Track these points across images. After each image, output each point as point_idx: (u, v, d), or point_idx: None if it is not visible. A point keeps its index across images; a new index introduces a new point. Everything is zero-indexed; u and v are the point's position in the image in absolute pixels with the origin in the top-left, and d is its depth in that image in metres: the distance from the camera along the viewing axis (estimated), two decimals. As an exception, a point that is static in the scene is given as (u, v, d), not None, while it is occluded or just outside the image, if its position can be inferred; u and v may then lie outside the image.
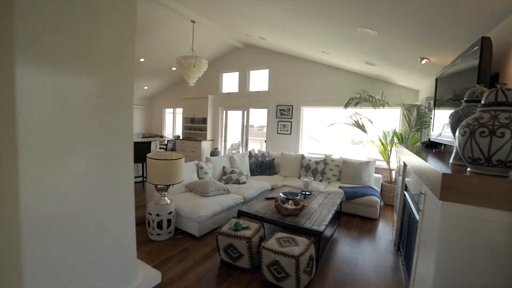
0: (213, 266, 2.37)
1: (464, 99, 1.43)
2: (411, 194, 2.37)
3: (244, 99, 6.93)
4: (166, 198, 2.93)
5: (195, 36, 5.15)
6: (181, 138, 7.92)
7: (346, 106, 4.56)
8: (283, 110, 6.26)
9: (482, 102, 1.13)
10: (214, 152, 7.10)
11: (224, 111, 7.45)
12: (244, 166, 4.83)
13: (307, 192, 3.47)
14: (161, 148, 6.68)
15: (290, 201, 2.88)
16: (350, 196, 3.82)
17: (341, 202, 3.48)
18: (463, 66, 1.90)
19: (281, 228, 2.54)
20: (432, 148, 2.43)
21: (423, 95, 4.40)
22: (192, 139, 7.49)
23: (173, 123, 9.25)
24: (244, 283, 2.15)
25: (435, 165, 1.33)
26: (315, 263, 2.20)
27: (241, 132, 7.13)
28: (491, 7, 1.77)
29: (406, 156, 2.44)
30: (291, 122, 6.17)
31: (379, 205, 3.74)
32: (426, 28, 2.44)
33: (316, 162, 4.78)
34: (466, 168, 1.19)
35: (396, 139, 4.48)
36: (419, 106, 4.03)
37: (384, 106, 4.42)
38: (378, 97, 4.46)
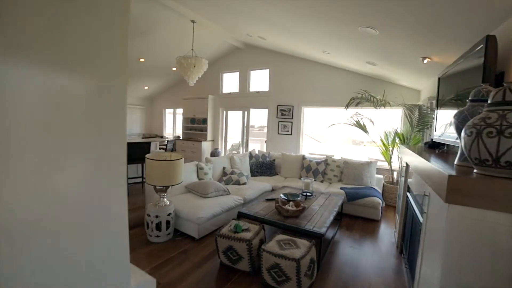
0: (212, 269, 2.33)
1: (469, 98, 1.40)
2: (413, 195, 2.33)
3: (244, 99, 6.90)
4: (165, 199, 2.89)
5: (195, 36, 5.13)
6: (181, 138, 7.90)
7: (348, 106, 4.52)
8: (284, 111, 6.22)
9: (489, 102, 1.10)
10: (214, 152, 7.07)
11: (225, 112, 7.42)
12: (244, 167, 4.80)
13: (308, 193, 3.44)
14: (161, 148, 6.65)
15: (291, 202, 2.85)
16: (351, 197, 3.78)
17: (342, 203, 3.44)
18: (466, 65, 1.87)
19: (281, 230, 2.51)
20: (435, 148, 2.40)
21: (425, 95, 4.36)
22: (192, 140, 7.46)
23: (173, 124, 9.23)
24: (244, 287, 2.11)
25: (440, 166, 1.29)
26: (316, 266, 2.16)
27: (241, 132, 7.10)
28: (495, 6, 1.74)
29: (408, 157, 2.40)
30: (291, 122, 6.13)
31: (381, 206, 3.70)
32: (428, 27, 2.41)
33: (317, 163, 4.74)
34: (472, 170, 1.16)
35: (398, 140, 4.45)
36: (421, 106, 3.99)
37: (386, 106, 4.39)
38: (379, 97, 4.43)
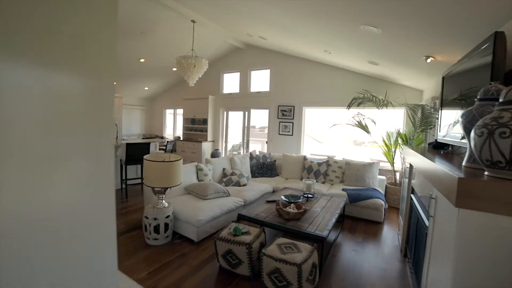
0: (211, 273, 2.27)
1: (478, 97, 1.34)
2: (418, 197, 2.27)
3: (245, 100, 6.85)
4: (164, 201, 2.84)
5: (195, 36, 5.09)
6: (181, 139, 7.86)
7: (349, 106, 4.46)
8: (285, 111, 6.16)
9: (501, 100, 1.05)
10: (215, 153, 7.02)
11: (225, 112, 7.37)
12: (244, 168, 4.74)
13: (309, 195, 3.38)
14: (161, 149, 6.60)
15: (292, 204, 2.79)
16: (353, 198, 3.71)
17: (344, 205, 3.37)
18: (473, 63, 1.81)
19: (282, 232, 2.45)
20: (439, 149, 2.35)
21: (428, 95, 4.30)
22: (192, 140, 7.41)
23: (173, 124, 9.18)
24: (244, 291, 2.06)
25: (448, 168, 1.24)
26: (318, 270, 2.10)
27: (242, 133, 7.04)
28: (502, 2, 1.68)
29: (412, 158, 2.35)
30: (292, 123, 6.07)
31: (384, 208, 3.63)
32: (432, 25, 2.35)
33: (319, 164, 4.68)
34: (483, 172, 1.10)
35: (400, 140, 4.38)
36: (424, 106, 3.92)
37: (388, 106, 4.32)
38: (381, 97, 4.36)
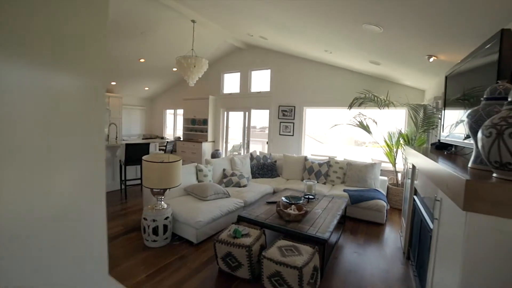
0: (210, 276, 2.23)
1: (484, 96, 1.30)
2: (421, 198, 2.22)
3: (245, 100, 6.81)
4: (163, 202, 2.80)
5: (195, 36, 5.06)
6: (181, 139, 7.82)
7: (351, 106, 4.42)
8: (285, 111, 6.12)
9: (510, 99, 1.00)
10: (215, 153, 6.98)
11: (225, 112, 7.33)
12: (245, 169, 4.70)
13: (310, 196, 3.33)
14: (160, 149, 6.56)
15: (293, 206, 2.75)
16: (355, 199, 3.67)
17: (346, 206, 3.33)
18: (478, 62, 1.77)
19: (283, 234, 2.41)
20: (442, 149, 2.31)
21: (430, 94, 4.25)
22: (193, 141, 7.37)
23: (173, 124, 9.15)
24: (244, 295, 2.02)
25: (454, 169, 1.20)
26: (319, 273, 2.06)
27: (242, 133, 7.00)
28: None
29: (415, 158, 2.30)
30: (293, 123, 6.03)
31: (386, 209, 3.58)
32: (435, 24, 2.30)
33: (320, 164, 4.64)
34: (490, 174, 1.06)
35: (402, 140, 4.33)
36: (426, 106, 3.88)
37: (389, 106, 4.28)
38: (382, 97, 4.32)
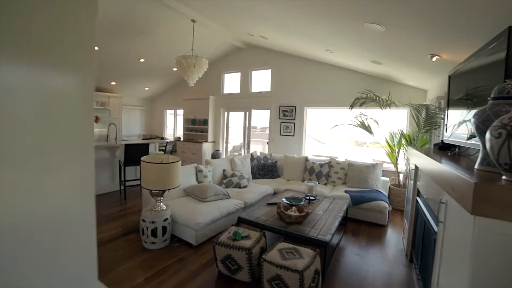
0: (210, 279, 2.19)
1: (491, 96, 1.26)
2: (424, 199, 2.18)
3: (246, 100, 6.77)
4: (162, 203, 2.76)
5: (195, 36, 5.02)
6: (182, 139, 7.79)
7: (352, 106, 4.37)
8: (286, 111, 6.08)
9: (520, 98, 0.96)
10: (215, 154, 6.94)
11: (226, 112, 7.30)
12: (245, 169, 4.66)
13: (311, 197, 3.29)
14: (160, 150, 6.53)
15: (294, 207, 2.71)
16: (356, 201, 3.62)
17: (347, 207, 3.29)
18: (484, 61, 1.73)
19: (283, 236, 2.37)
20: (445, 150, 2.27)
21: (432, 94, 4.20)
22: (193, 141, 7.34)
23: (174, 125, 9.12)
24: (244, 298, 1.98)
25: (460, 171, 1.16)
26: (321, 276, 2.01)
27: (243, 133, 6.97)
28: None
29: (418, 159, 2.26)
30: (294, 123, 5.99)
31: (388, 210, 3.54)
32: (439, 21, 2.26)
33: (321, 165, 4.59)
34: (499, 176, 1.02)
35: (404, 141, 4.29)
36: (429, 106, 3.83)
37: (391, 107, 4.24)
38: (384, 97, 4.28)
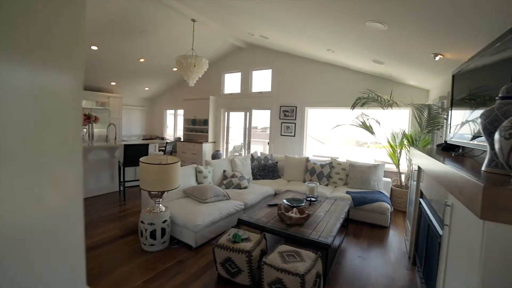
0: (209, 282, 2.15)
1: (499, 95, 1.22)
2: (427, 201, 2.14)
3: (246, 100, 6.73)
4: (161, 205, 2.72)
5: (195, 36, 4.98)
6: (182, 140, 7.75)
7: (353, 106, 4.33)
8: (287, 111, 6.04)
9: (532, 98, 0.92)
10: (216, 154, 6.90)
11: (226, 113, 7.26)
12: (246, 170, 4.62)
13: (312, 198, 3.25)
14: (160, 150, 6.50)
15: (295, 208, 2.67)
16: (358, 202, 3.58)
17: (348, 208, 3.24)
18: (490, 59, 1.69)
19: (284, 239, 2.33)
20: (449, 150, 2.22)
21: (435, 94, 4.16)
22: (193, 141, 7.30)
23: (174, 125, 9.09)
24: (244, 302, 1.94)
25: (466, 173, 1.12)
26: (322, 280, 1.97)
27: (243, 134, 6.93)
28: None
29: (421, 160, 2.22)
30: (295, 123, 5.95)
31: (390, 211, 3.49)
32: (443, 19, 2.21)
33: (322, 166, 4.55)
34: (508, 179, 0.98)
35: (406, 141, 4.24)
36: (431, 106, 3.78)
37: (393, 107, 4.19)
38: (386, 97, 4.23)
